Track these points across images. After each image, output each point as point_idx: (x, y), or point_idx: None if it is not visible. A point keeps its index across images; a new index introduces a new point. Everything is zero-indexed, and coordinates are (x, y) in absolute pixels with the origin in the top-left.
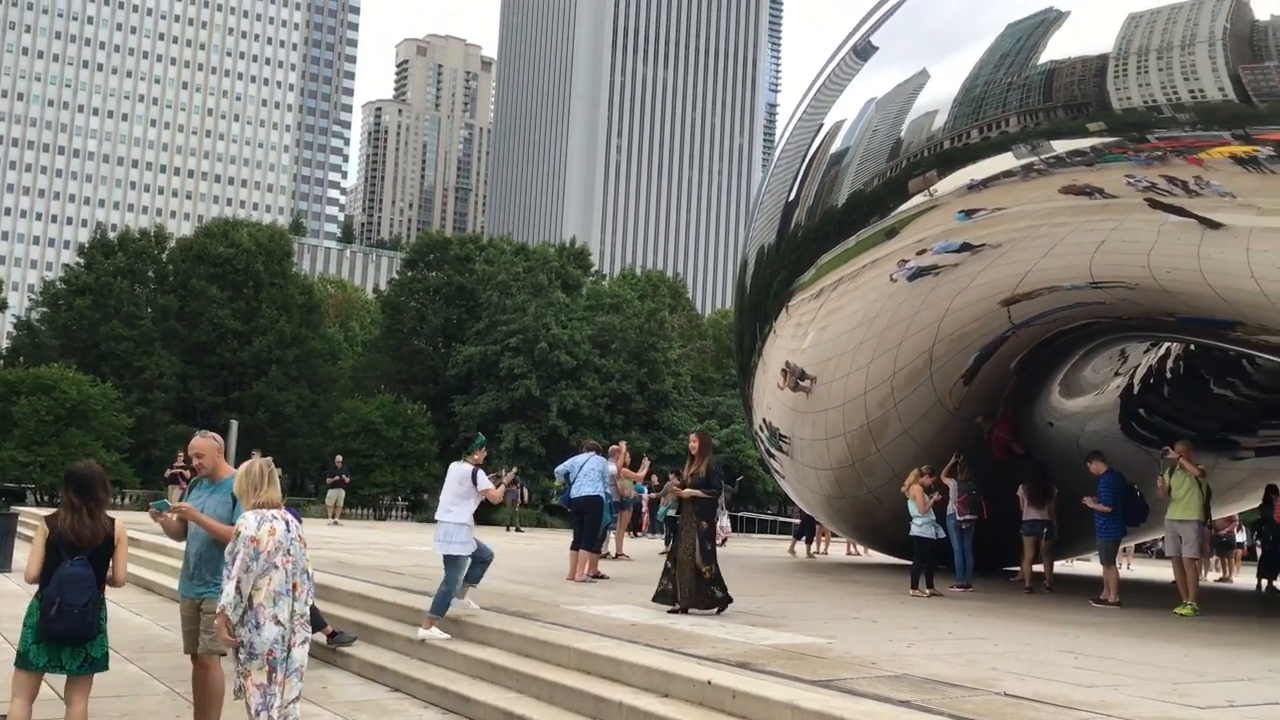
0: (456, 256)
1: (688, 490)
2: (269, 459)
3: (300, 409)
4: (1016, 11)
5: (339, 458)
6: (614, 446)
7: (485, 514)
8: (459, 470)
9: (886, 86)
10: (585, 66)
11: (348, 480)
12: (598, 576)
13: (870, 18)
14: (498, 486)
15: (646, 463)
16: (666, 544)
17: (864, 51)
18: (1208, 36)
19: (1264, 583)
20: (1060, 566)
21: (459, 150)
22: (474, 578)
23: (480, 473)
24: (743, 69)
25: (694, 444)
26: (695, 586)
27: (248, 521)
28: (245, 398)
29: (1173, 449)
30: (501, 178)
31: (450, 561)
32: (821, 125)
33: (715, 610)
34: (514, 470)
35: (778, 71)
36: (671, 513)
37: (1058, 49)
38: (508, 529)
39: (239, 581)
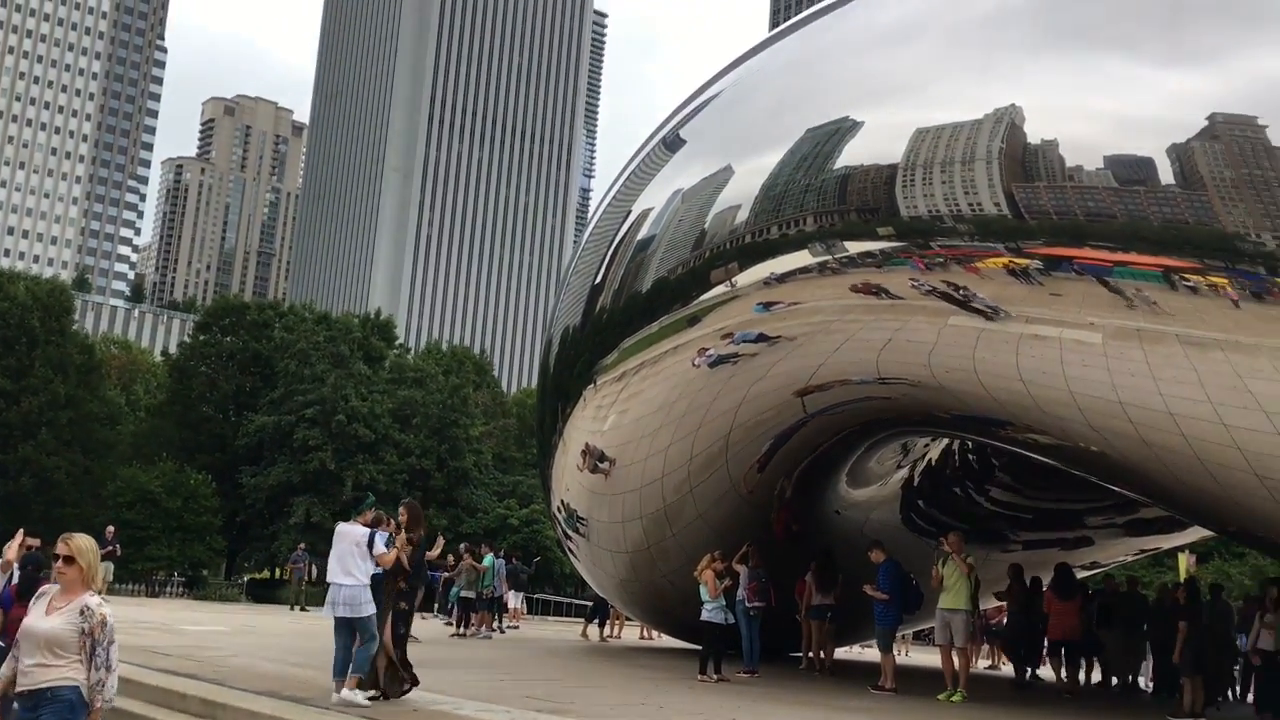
0: (254, 322)
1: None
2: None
3: (71, 475)
4: (815, 118)
5: (110, 528)
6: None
7: (268, 593)
8: (356, 531)
9: (693, 179)
10: (400, 138)
11: (118, 553)
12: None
13: (680, 112)
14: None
15: (441, 541)
16: (458, 625)
17: (673, 144)
18: (985, 154)
19: (1029, 671)
20: (844, 653)
21: (264, 214)
22: (360, 667)
23: (378, 535)
24: (558, 153)
25: (403, 515)
26: (389, 669)
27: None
28: (9, 461)
29: (946, 540)
30: (307, 244)
31: (361, 624)
32: (630, 212)
33: (403, 692)
34: (301, 546)
35: (592, 157)
36: (466, 593)
37: (852, 156)
38: (292, 608)
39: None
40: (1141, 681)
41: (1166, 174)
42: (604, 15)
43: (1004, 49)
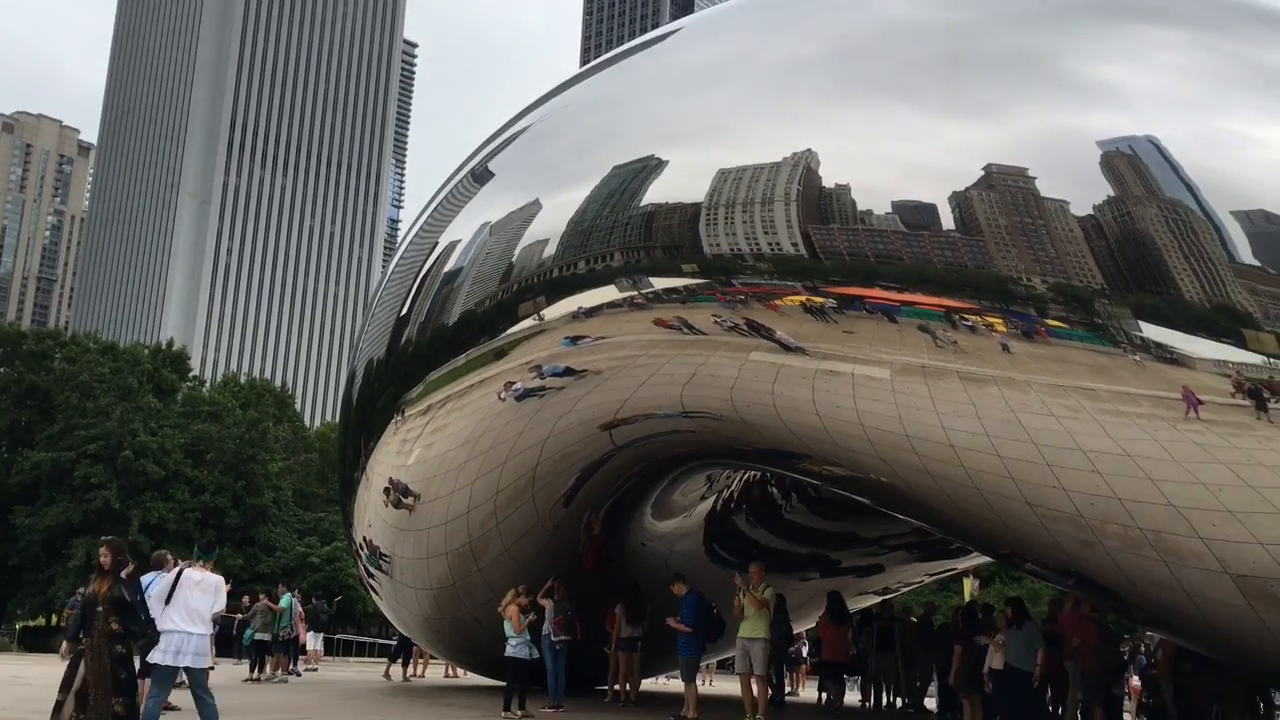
0: (32, 352)
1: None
2: None
3: None
4: (622, 155)
5: None
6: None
7: (42, 641)
8: (212, 580)
9: (501, 212)
10: (197, 163)
11: None
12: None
13: (490, 144)
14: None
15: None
16: (252, 670)
17: (482, 176)
18: (784, 196)
19: (824, 696)
20: (649, 684)
21: (45, 237)
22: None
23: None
24: (366, 182)
25: (104, 557)
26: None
27: None
28: None
29: (748, 572)
30: (94, 271)
31: (200, 675)
32: (437, 243)
33: None
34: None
35: (401, 188)
36: (261, 635)
37: (658, 194)
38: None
39: None
40: (930, 703)
41: (948, 219)
42: (414, 45)
43: (801, 94)
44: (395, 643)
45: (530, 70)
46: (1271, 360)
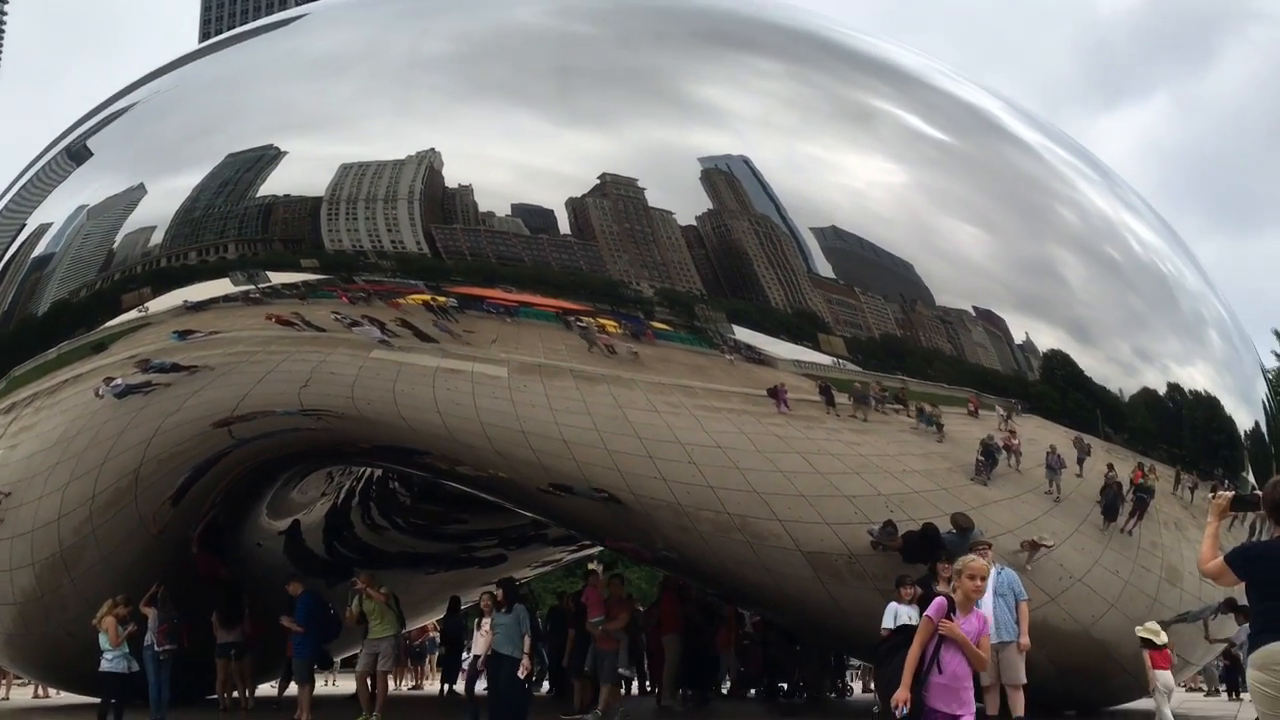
0: None
1: None
2: None
3: None
4: (238, 143)
5: None
6: None
7: None
8: None
9: (101, 195)
10: None
11: None
12: None
13: (90, 120)
14: None
15: None
16: None
17: (79, 155)
18: (407, 194)
19: (446, 686)
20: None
21: None
22: None
23: None
24: None
25: None
26: None
27: None
28: None
29: (359, 579)
30: None
31: None
32: (24, 226)
33: None
34: None
35: None
36: None
37: (276, 184)
38: None
39: None
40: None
41: (565, 224)
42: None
43: (425, 92)
44: None
45: (141, 43)
46: (840, 361)
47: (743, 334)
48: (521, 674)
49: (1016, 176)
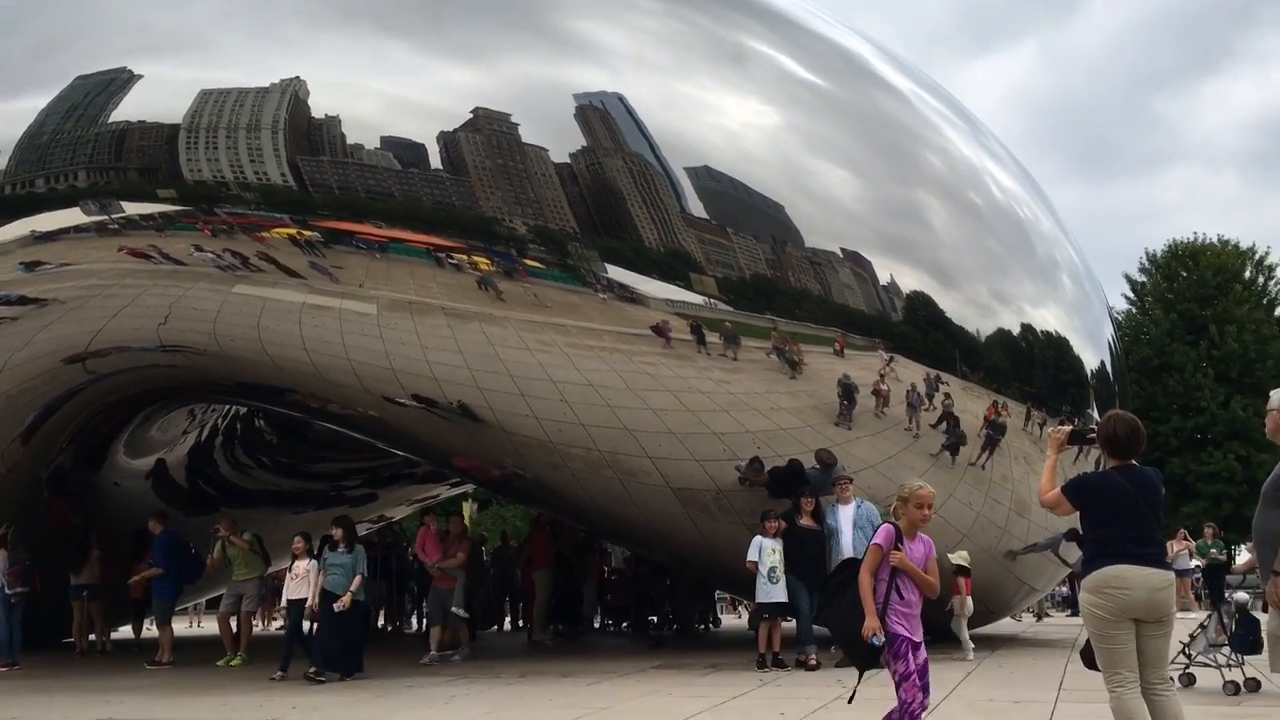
0: None
1: None
2: None
3: None
4: (87, 64)
5: None
6: None
7: None
8: None
9: None
10: None
11: None
12: None
13: None
14: None
15: None
16: None
17: None
18: (271, 123)
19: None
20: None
21: None
22: None
23: None
24: None
25: None
26: None
27: None
28: None
29: (221, 525)
30: None
31: None
32: None
33: None
34: None
35: None
36: None
37: (130, 110)
38: None
39: None
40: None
41: (436, 159)
42: None
43: (290, 18)
44: None
45: None
46: (711, 300)
47: (615, 273)
48: (338, 608)
49: (885, 121)
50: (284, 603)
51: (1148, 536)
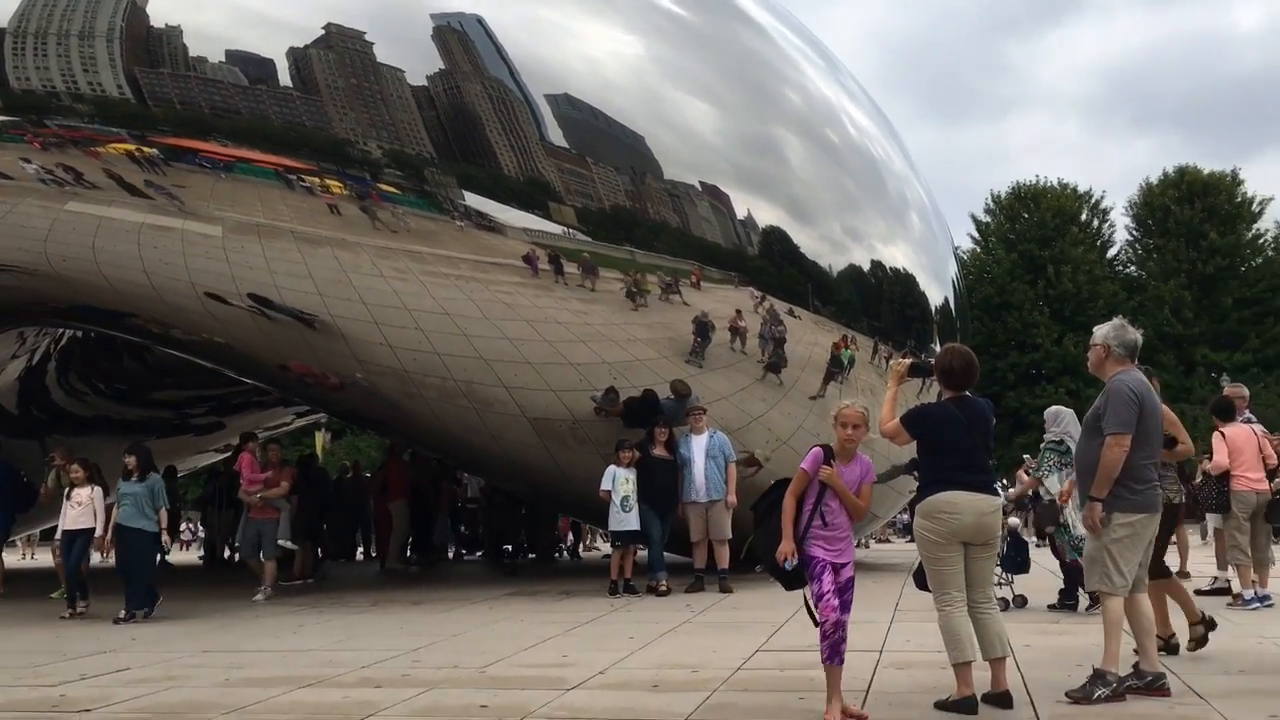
0: None
1: None
2: None
3: None
4: None
5: None
6: None
7: None
8: None
9: None
10: None
11: None
12: None
13: None
14: None
15: None
16: None
17: None
18: (106, 30)
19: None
20: None
21: None
22: None
23: None
24: None
25: None
26: None
27: None
28: None
29: (56, 453)
30: None
31: None
32: None
33: None
34: None
35: None
36: None
37: None
38: None
39: None
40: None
41: (285, 76)
42: None
43: None
44: None
45: None
46: (570, 230)
47: (473, 200)
48: (167, 545)
49: (746, 56)
50: (58, 535)
51: (978, 464)
